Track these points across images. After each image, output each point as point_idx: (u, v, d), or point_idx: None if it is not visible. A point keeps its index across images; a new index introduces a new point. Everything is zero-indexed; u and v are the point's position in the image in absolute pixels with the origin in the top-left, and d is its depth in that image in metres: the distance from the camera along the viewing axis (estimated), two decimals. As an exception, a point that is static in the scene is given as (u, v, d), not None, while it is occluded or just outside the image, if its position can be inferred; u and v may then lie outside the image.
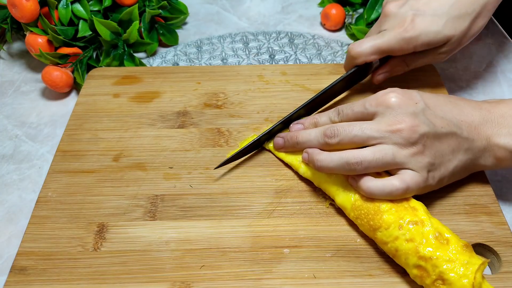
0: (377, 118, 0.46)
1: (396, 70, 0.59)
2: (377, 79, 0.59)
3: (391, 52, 0.55)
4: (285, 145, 0.52)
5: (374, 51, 0.55)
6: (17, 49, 0.75)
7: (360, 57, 0.55)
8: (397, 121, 0.44)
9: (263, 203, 0.50)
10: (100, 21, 0.66)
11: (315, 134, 0.49)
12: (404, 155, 0.44)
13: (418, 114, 0.44)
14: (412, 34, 0.53)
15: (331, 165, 0.46)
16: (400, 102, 0.45)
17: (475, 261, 0.40)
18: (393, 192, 0.44)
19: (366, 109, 0.46)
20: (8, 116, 0.64)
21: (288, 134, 0.52)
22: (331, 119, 0.50)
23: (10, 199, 0.54)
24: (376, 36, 0.55)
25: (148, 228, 0.48)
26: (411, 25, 0.53)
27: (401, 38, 0.53)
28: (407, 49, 0.54)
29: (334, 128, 0.47)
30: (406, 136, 0.43)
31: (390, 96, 0.45)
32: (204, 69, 0.65)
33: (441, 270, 0.40)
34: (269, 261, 0.45)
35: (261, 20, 0.79)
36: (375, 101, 0.46)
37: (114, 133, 0.57)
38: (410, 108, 0.45)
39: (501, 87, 0.67)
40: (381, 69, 0.58)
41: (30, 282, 0.44)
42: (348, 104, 0.49)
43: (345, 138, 0.46)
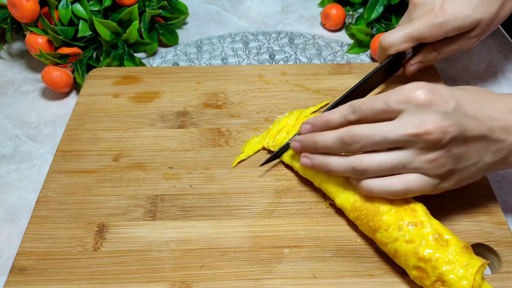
0: (401, 117, 0.41)
1: (429, 59, 0.58)
2: (409, 70, 0.58)
3: (422, 39, 0.55)
4: (303, 149, 0.48)
5: (405, 40, 0.54)
6: (17, 49, 0.75)
7: (392, 46, 0.55)
8: (426, 122, 0.40)
9: (263, 203, 0.50)
10: (100, 21, 0.66)
11: (333, 140, 0.44)
12: (422, 160, 0.41)
13: (449, 115, 0.40)
14: (442, 19, 0.53)
15: (340, 170, 0.44)
16: (430, 99, 0.40)
17: (474, 263, 0.40)
18: (391, 192, 0.43)
19: (389, 106, 0.42)
20: (8, 116, 0.64)
21: (305, 139, 0.47)
22: (346, 118, 0.45)
23: (10, 199, 0.54)
24: (407, 25, 0.55)
25: (148, 228, 0.48)
26: (440, 11, 0.53)
27: (432, 24, 0.53)
28: (438, 35, 0.54)
29: (353, 134, 0.43)
30: (433, 140, 0.40)
31: (419, 92, 0.41)
32: (204, 69, 0.65)
33: (441, 272, 0.40)
34: (269, 261, 0.45)
35: (261, 20, 0.79)
36: (401, 97, 0.41)
37: (114, 133, 0.57)
38: (441, 107, 0.40)
39: (501, 87, 0.67)
40: (413, 59, 0.58)
41: (30, 282, 0.44)
42: (364, 99, 0.44)
43: (366, 145, 0.42)
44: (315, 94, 0.61)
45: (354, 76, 0.63)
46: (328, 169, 0.45)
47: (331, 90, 0.61)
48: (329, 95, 0.61)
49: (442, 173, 0.42)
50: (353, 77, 0.63)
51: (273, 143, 0.54)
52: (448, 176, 0.42)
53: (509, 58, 0.71)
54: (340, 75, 0.63)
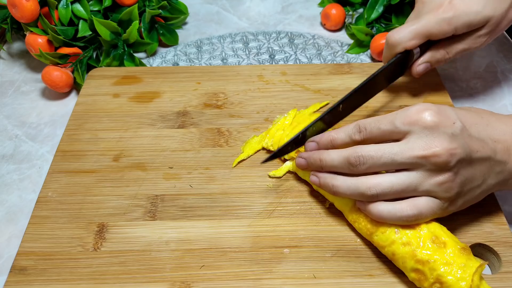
0: (409, 139, 0.41)
1: (437, 59, 0.56)
2: (417, 70, 0.56)
3: (430, 35, 0.53)
4: (309, 167, 0.47)
5: (413, 36, 0.53)
6: (17, 49, 0.75)
7: (399, 44, 0.53)
8: (433, 145, 0.40)
9: (263, 203, 0.50)
10: (100, 21, 0.66)
11: (339, 160, 0.44)
12: (431, 183, 0.40)
13: (456, 137, 0.40)
14: (452, 14, 0.51)
15: (348, 193, 0.43)
16: (437, 121, 0.40)
17: (472, 264, 0.40)
18: (403, 218, 0.41)
19: (396, 128, 0.41)
20: (8, 116, 0.64)
21: (311, 156, 0.47)
22: (351, 137, 0.44)
23: (10, 199, 0.54)
24: (414, 21, 0.53)
25: (148, 228, 0.48)
26: (449, 6, 0.51)
27: (441, 19, 0.52)
28: (448, 30, 0.52)
29: (359, 154, 0.42)
30: (441, 162, 0.39)
31: (426, 114, 0.40)
32: (204, 69, 0.65)
33: (439, 273, 0.40)
34: (269, 261, 0.45)
35: (261, 20, 0.79)
36: (408, 119, 0.41)
37: (114, 133, 0.57)
38: (448, 129, 0.40)
39: (501, 87, 0.67)
40: (421, 59, 0.56)
41: (30, 282, 0.44)
42: (371, 119, 0.43)
43: (373, 166, 0.42)
44: (315, 94, 0.61)
45: (354, 76, 0.63)
46: (334, 190, 0.44)
47: (331, 90, 0.61)
48: (329, 95, 0.61)
49: (451, 196, 0.41)
50: (353, 77, 0.63)
51: (272, 142, 0.54)
52: (456, 198, 0.42)
53: (509, 58, 0.71)
54: (340, 75, 0.63)
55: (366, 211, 0.43)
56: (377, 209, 0.42)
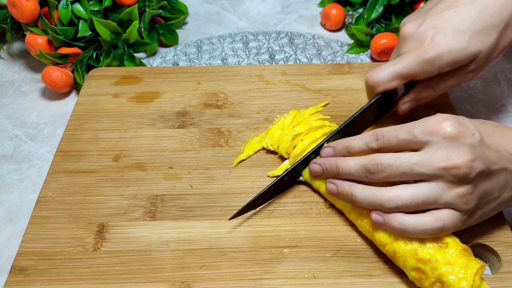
0: (428, 149, 0.40)
1: (423, 97, 0.52)
2: (401, 109, 0.53)
3: (413, 76, 0.49)
4: (324, 173, 0.47)
5: (393, 77, 0.49)
6: (17, 49, 0.75)
7: (379, 85, 0.50)
8: (454, 156, 0.39)
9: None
10: (100, 21, 0.66)
11: (356, 167, 0.43)
12: (452, 196, 0.40)
13: (475, 148, 0.39)
14: (433, 54, 0.47)
15: (365, 203, 0.43)
16: (457, 132, 0.39)
17: (473, 265, 0.40)
18: (427, 231, 0.40)
19: (415, 137, 0.41)
20: (8, 116, 0.64)
21: (326, 162, 0.46)
22: (368, 145, 0.44)
23: (10, 199, 0.54)
24: (395, 61, 0.49)
25: (148, 228, 0.48)
26: (431, 45, 0.47)
27: (422, 60, 0.47)
28: (431, 71, 0.48)
29: (378, 162, 0.42)
30: (461, 174, 0.39)
31: (445, 124, 0.40)
32: (204, 69, 0.65)
33: (440, 273, 0.40)
34: (269, 261, 0.45)
35: (261, 20, 0.79)
36: (427, 129, 0.40)
37: (114, 133, 0.57)
38: (467, 140, 0.39)
39: (501, 87, 0.67)
40: (405, 97, 0.53)
41: (30, 282, 0.44)
42: (389, 128, 0.43)
43: (391, 175, 0.41)
44: (315, 94, 0.61)
45: (354, 76, 0.63)
46: (353, 199, 0.44)
47: (331, 90, 0.61)
48: (329, 95, 0.61)
49: (470, 208, 0.40)
50: (353, 77, 0.63)
51: (272, 142, 0.54)
52: (474, 211, 0.41)
53: (509, 58, 0.71)
54: (340, 75, 0.63)
55: (385, 224, 0.42)
56: (399, 222, 0.41)
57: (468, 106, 0.64)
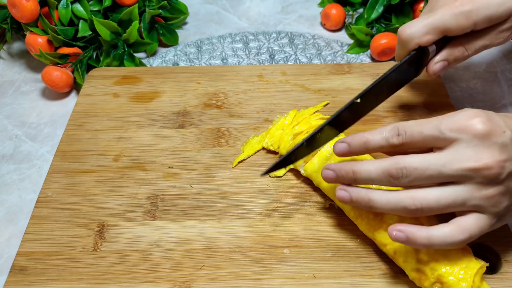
0: (456, 148, 0.37)
1: (456, 57, 0.50)
2: (433, 69, 0.50)
3: (447, 30, 0.47)
4: (339, 180, 0.42)
5: (428, 31, 0.47)
6: (17, 49, 0.75)
7: (412, 39, 0.47)
8: (485, 156, 0.36)
9: (263, 203, 0.50)
10: (100, 21, 0.66)
11: (377, 173, 0.39)
12: (481, 197, 0.37)
13: (506, 147, 0.37)
14: (470, 7, 0.46)
15: (387, 207, 0.39)
16: (489, 130, 0.37)
17: (473, 265, 0.40)
18: (454, 244, 0.38)
19: (441, 134, 0.38)
20: (8, 116, 0.64)
21: (341, 168, 0.42)
22: (388, 141, 0.40)
23: (10, 199, 0.54)
24: (428, 15, 0.47)
25: (148, 228, 0.48)
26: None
27: (459, 13, 0.46)
28: (466, 25, 0.46)
29: (402, 166, 0.38)
30: (492, 175, 0.37)
31: (476, 121, 0.37)
32: (204, 69, 0.65)
33: (440, 273, 0.40)
34: (269, 261, 0.45)
35: (261, 20, 0.79)
36: (455, 125, 0.37)
37: (114, 133, 0.57)
38: (498, 139, 0.37)
39: (501, 87, 0.67)
40: (437, 57, 0.50)
41: (30, 282, 0.44)
42: (411, 122, 0.40)
43: (417, 179, 0.38)
44: (315, 94, 0.61)
45: (354, 76, 0.63)
46: (371, 205, 0.40)
47: (331, 90, 0.61)
48: (329, 95, 0.61)
49: (499, 211, 0.38)
50: (353, 77, 0.63)
51: (272, 142, 0.54)
52: (504, 213, 0.39)
53: (509, 58, 0.71)
54: (340, 75, 0.63)
55: (408, 241, 0.39)
56: (427, 237, 0.38)
57: (468, 106, 0.64)
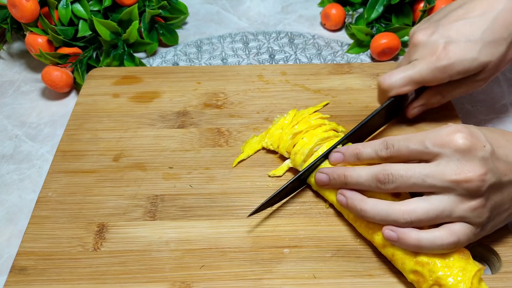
0: (439, 161, 0.40)
1: (432, 103, 0.55)
2: (411, 113, 0.55)
3: (424, 82, 0.51)
4: (331, 183, 0.46)
5: (406, 83, 0.51)
6: (17, 49, 0.75)
7: (392, 89, 0.52)
8: (466, 169, 0.39)
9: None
10: (100, 21, 0.66)
11: (366, 177, 0.43)
12: (464, 209, 0.40)
13: (487, 160, 0.39)
14: (446, 62, 0.49)
15: (377, 218, 0.42)
16: (469, 144, 0.39)
17: (471, 268, 0.40)
18: (443, 246, 0.40)
19: (426, 148, 0.41)
20: (8, 116, 0.64)
21: (334, 171, 0.46)
22: (377, 153, 0.44)
23: (10, 199, 0.54)
24: (407, 67, 0.51)
25: (148, 228, 0.48)
26: (444, 53, 0.49)
27: (435, 67, 0.50)
28: (442, 78, 0.51)
29: (389, 172, 0.41)
30: (473, 187, 0.39)
31: (457, 136, 0.40)
32: (204, 69, 0.65)
33: (438, 276, 0.40)
34: (269, 261, 0.45)
35: (261, 20, 0.79)
36: (439, 140, 0.40)
37: (114, 133, 0.57)
38: (479, 153, 0.39)
39: (501, 87, 0.67)
40: (415, 102, 0.55)
41: (30, 282, 0.44)
42: (399, 137, 0.43)
43: (402, 185, 0.41)
44: (315, 94, 0.61)
45: (354, 76, 0.63)
46: (362, 215, 0.43)
47: (331, 90, 0.61)
48: (329, 95, 0.61)
49: (482, 221, 0.40)
50: (353, 77, 0.63)
51: (271, 142, 0.54)
52: (486, 223, 0.41)
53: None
54: (340, 75, 0.63)
55: (399, 241, 0.41)
56: (416, 238, 0.40)
57: (468, 106, 0.64)
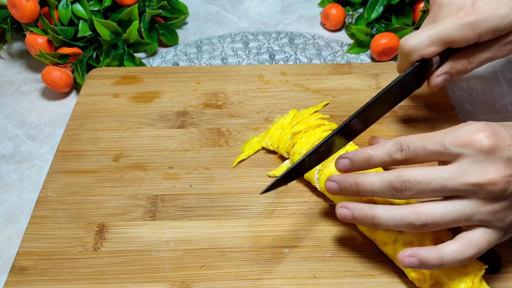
0: (460, 163, 0.37)
1: (458, 70, 0.49)
2: (435, 82, 0.49)
3: (451, 42, 0.46)
4: (342, 192, 0.42)
5: (431, 42, 0.46)
6: (17, 49, 0.75)
7: (415, 51, 0.47)
8: (489, 171, 0.36)
9: (263, 203, 0.50)
10: (100, 21, 0.66)
11: (380, 185, 0.39)
12: (486, 212, 0.37)
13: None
14: (475, 18, 0.45)
15: (392, 224, 0.39)
16: (494, 144, 0.36)
17: (472, 267, 0.40)
18: (464, 261, 0.37)
19: (446, 149, 0.37)
20: (8, 116, 0.64)
21: (344, 180, 0.41)
22: (391, 156, 0.39)
23: (10, 199, 0.54)
24: (431, 26, 0.46)
25: (148, 228, 0.48)
26: (472, 9, 0.45)
27: (463, 24, 0.45)
28: (470, 37, 0.46)
29: (405, 179, 0.38)
30: (498, 190, 0.36)
31: (481, 135, 0.36)
32: (204, 69, 0.65)
33: (439, 275, 0.40)
34: (269, 261, 0.45)
35: (261, 20, 0.79)
36: (460, 140, 0.37)
37: (114, 133, 0.57)
38: (504, 153, 0.36)
39: (501, 87, 0.67)
40: (440, 69, 0.49)
41: (30, 282, 0.44)
42: (414, 137, 0.39)
43: (420, 192, 0.38)
44: (315, 94, 0.61)
45: (354, 76, 0.63)
46: (375, 222, 0.39)
47: (331, 90, 0.61)
48: (329, 95, 0.61)
49: (505, 224, 0.38)
50: (353, 77, 0.63)
51: (271, 142, 0.54)
52: (509, 227, 0.38)
53: (509, 58, 0.71)
54: (340, 75, 0.63)
55: (421, 264, 0.38)
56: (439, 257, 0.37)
57: (468, 106, 0.64)
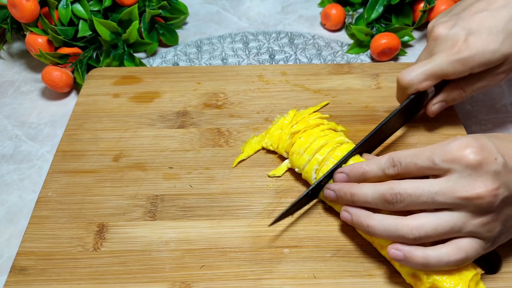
0: (449, 177, 0.39)
1: (453, 98, 0.53)
2: (432, 110, 0.54)
3: (445, 76, 0.50)
4: (338, 200, 0.45)
5: (426, 77, 0.50)
6: (17, 49, 0.75)
7: (411, 85, 0.50)
8: (476, 186, 0.38)
9: (263, 203, 0.50)
10: (100, 21, 0.66)
11: (373, 196, 0.42)
12: (475, 224, 0.38)
13: (499, 174, 0.38)
14: (467, 54, 0.48)
15: (385, 234, 0.41)
16: (481, 159, 0.38)
17: (468, 272, 0.40)
18: (450, 263, 0.39)
19: (435, 165, 0.39)
20: (8, 116, 0.64)
21: (340, 189, 0.44)
22: (384, 171, 0.42)
23: (10, 199, 0.54)
24: (426, 61, 0.50)
25: (148, 228, 0.48)
26: (464, 45, 0.48)
27: (456, 60, 0.48)
28: (463, 71, 0.49)
29: (396, 192, 0.40)
30: (485, 204, 0.38)
31: (468, 151, 0.38)
32: (204, 69, 0.65)
33: (435, 279, 0.40)
34: (269, 261, 0.45)
35: (261, 20, 0.79)
36: (448, 156, 0.39)
37: (114, 133, 0.57)
38: (491, 167, 0.38)
39: (501, 87, 0.67)
40: (436, 98, 0.53)
41: (30, 282, 0.44)
42: (406, 153, 0.41)
43: (411, 204, 0.40)
44: (315, 94, 0.61)
45: (354, 76, 0.63)
46: (369, 231, 0.42)
47: (331, 90, 0.61)
48: (329, 95, 0.61)
49: (493, 235, 0.40)
50: (353, 77, 0.63)
51: (271, 142, 0.54)
52: (498, 236, 0.40)
53: (509, 58, 0.71)
54: (340, 75, 0.63)
55: (405, 260, 0.40)
56: (423, 257, 0.39)
57: (468, 106, 0.64)
